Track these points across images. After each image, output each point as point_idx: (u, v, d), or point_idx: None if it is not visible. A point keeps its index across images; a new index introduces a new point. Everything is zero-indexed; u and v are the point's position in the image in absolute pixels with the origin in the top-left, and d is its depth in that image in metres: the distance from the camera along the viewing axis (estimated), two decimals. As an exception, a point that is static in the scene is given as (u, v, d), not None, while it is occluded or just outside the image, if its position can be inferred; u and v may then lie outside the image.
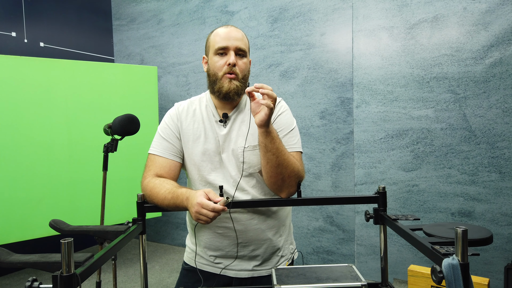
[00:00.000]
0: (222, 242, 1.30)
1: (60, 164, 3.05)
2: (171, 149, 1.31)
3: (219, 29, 1.29)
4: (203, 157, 1.29)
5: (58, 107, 3.04)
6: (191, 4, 3.85)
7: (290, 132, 1.30)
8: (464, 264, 0.75)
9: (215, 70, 1.27)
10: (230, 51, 1.24)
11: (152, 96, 3.58)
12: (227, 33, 1.25)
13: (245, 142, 1.26)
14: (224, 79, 1.25)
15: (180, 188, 1.19)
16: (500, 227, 2.56)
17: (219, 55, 1.26)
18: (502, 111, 2.53)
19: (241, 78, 1.26)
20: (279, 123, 1.30)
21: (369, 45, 2.94)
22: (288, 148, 1.26)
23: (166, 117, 1.36)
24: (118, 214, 3.29)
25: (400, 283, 2.83)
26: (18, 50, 3.49)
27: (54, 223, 1.14)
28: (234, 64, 1.23)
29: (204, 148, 1.29)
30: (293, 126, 1.33)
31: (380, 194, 1.24)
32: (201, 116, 1.32)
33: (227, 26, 1.29)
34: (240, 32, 1.29)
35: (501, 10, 2.50)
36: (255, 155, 1.27)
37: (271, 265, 1.33)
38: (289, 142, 1.29)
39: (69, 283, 0.74)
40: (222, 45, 1.24)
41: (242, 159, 1.25)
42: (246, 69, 1.28)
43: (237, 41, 1.25)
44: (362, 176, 3.03)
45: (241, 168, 1.26)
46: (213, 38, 1.28)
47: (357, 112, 3.01)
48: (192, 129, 1.31)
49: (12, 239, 2.85)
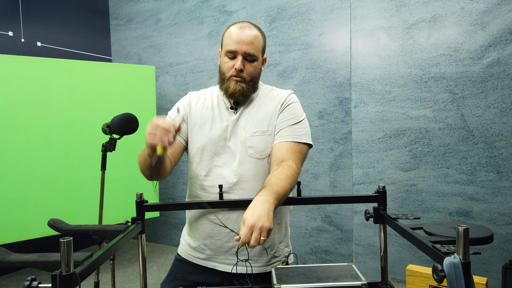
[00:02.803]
0: (218, 234, 1.28)
1: (58, 163, 3.04)
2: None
3: (233, 27, 1.27)
4: (208, 142, 1.29)
5: (56, 107, 3.02)
6: (189, 4, 3.84)
7: (298, 123, 1.29)
8: (466, 262, 0.75)
9: (223, 70, 1.28)
10: (238, 56, 1.24)
11: (150, 96, 3.57)
12: (238, 35, 1.23)
13: (254, 127, 1.28)
14: (231, 81, 1.26)
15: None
16: (498, 227, 2.57)
17: (228, 57, 1.26)
18: (500, 111, 2.54)
19: (249, 81, 1.27)
20: (288, 111, 1.30)
21: (367, 45, 2.95)
22: (294, 137, 1.25)
23: (178, 103, 1.38)
24: (117, 213, 3.27)
25: (398, 283, 2.84)
26: (15, 49, 3.47)
27: (52, 223, 1.13)
28: (241, 69, 1.24)
29: (210, 133, 1.30)
30: (302, 117, 1.31)
31: (380, 193, 1.24)
32: (211, 103, 1.34)
33: (243, 24, 1.26)
34: (253, 32, 1.25)
35: (498, 10, 2.50)
36: (263, 140, 1.27)
37: (262, 263, 1.30)
38: (296, 132, 1.26)
39: (68, 283, 0.74)
40: (231, 48, 1.24)
41: (249, 143, 1.26)
42: (255, 72, 1.28)
43: (246, 45, 1.23)
44: (360, 176, 3.03)
45: (246, 153, 1.26)
46: (226, 37, 1.27)
47: (355, 112, 3.02)
48: (200, 114, 1.33)
49: (10, 239, 2.83)
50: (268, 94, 1.35)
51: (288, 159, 1.21)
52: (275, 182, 1.11)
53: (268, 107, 1.31)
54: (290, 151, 1.23)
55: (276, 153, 1.24)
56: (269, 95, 1.34)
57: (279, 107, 1.30)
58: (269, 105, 1.31)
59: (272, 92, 1.36)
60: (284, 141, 1.25)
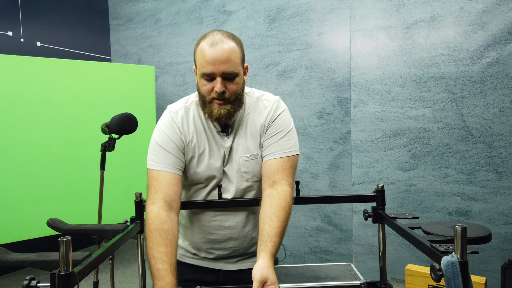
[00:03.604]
0: (212, 242, 1.31)
1: (58, 163, 3.04)
2: (177, 164, 1.20)
3: (204, 44, 1.11)
4: (208, 171, 1.23)
5: (55, 107, 3.02)
6: (188, 4, 3.85)
7: (286, 134, 1.23)
8: (463, 262, 0.76)
9: (203, 92, 1.15)
10: (217, 77, 1.11)
11: (150, 96, 3.57)
12: (212, 55, 1.08)
13: (247, 151, 1.23)
14: (213, 104, 1.14)
15: (170, 272, 1.05)
16: (497, 227, 2.57)
17: (205, 79, 1.13)
18: (499, 111, 2.54)
19: (234, 100, 1.15)
20: (276, 125, 1.23)
21: (367, 45, 2.95)
22: (283, 152, 1.20)
23: (165, 127, 1.21)
24: (116, 213, 3.28)
25: (397, 283, 2.84)
26: (15, 49, 3.47)
27: (51, 222, 1.13)
28: (222, 91, 1.12)
29: (209, 163, 1.22)
30: (291, 127, 1.25)
31: (378, 193, 1.25)
32: (201, 126, 1.23)
33: (213, 38, 1.11)
34: (228, 46, 1.10)
35: (497, 10, 2.51)
36: (257, 163, 1.24)
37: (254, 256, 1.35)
38: (284, 146, 1.21)
39: (67, 282, 0.74)
40: (207, 71, 1.10)
41: (244, 169, 1.23)
42: (238, 89, 1.15)
43: (223, 64, 1.09)
44: (359, 175, 3.03)
45: (243, 178, 1.24)
46: (199, 57, 1.12)
47: (355, 111, 3.02)
48: (197, 143, 1.22)
49: (9, 239, 2.83)
50: (255, 108, 1.25)
51: (280, 179, 1.17)
52: (271, 233, 1.06)
53: (257, 124, 1.24)
54: (281, 169, 1.19)
55: (266, 172, 1.20)
56: (257, 109, 1.25)
57: (267, 123, 1.23)
58: (257, 121, 1.24)
59: (259, 103, 1.26)
60: (273, 158, 1.20)
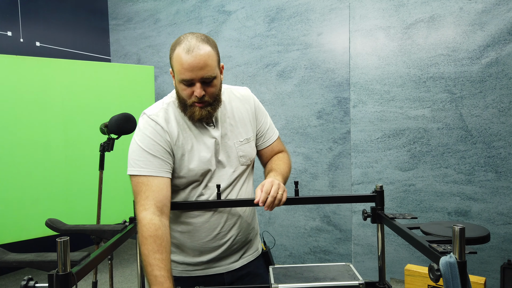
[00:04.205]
0: (209, 246, 1.28)
1: (56, 163, 3.03)
2: (165, 167, 1.18)
3: (180, 50, 1.11)
4: (202, 165, 1.22)
5: (54, 107, 3.02)
6: (188, 4, 3.84)
7: (269, 120, 1.41)
8: (462, 262, 0.76)
9: (183, 96, 1.17)
10: (196, 83, 1.13)
11: (149, 96, 3.57)
12: (189, 62, 1.10)
13: (239, 136, 1.30)
14: (194, 107, 1.17)
15: (168, 278, 1.02)
16: (497, 227, 2.57)
17: (184, 84, 1.15)
18: (498, 111, 2.54)
19: (213, 101, 1.18)
20: (260, 113, 1.37)
21: (366, 45, 2.95)
22: (270, 140, 1.39)
23: (149, 132, 1.18)
24: (115, 213, 3.27)
25: (397, 283, 2.84)
26: (14, 49, 3.47)
27: (50, 222, 1.13)
28: (202, 95, 1.14)
29: (200, 156, 1.22)
30: (267, 114, 1.41)
31: (377, 193, 1.25)
32: (184, 124, 1.23)
33: (189, 44, 1.11)
34: (204, 51, 1.11)
35: (497, 10, 2.51)
36: (250, 147, 1.32)
37: (253, 245, 1.39)
38: (274, 131, 1.42)
39: (65, 282, 0.74)
40: (185, 77, 1.12)
41: (241, 153, 1.30)
42: (216, 90, 1.18)
43: (201, 70, 1.11)
44: (359, 175, 3.03)
45: (240, 162, 1.29)
46: (176, 64, 1.13)
47: (354, 112, 3.02)
48: (183, 140, 1.21)
49: (8, 239, 2.83)
50: (233, 98, 1.32)
51: (279, 151, 1.42)
52: (279, 166, 1.30)
53: (242, 112, 1.32)
54: (277, 149, 1.41)
55: (268, 155, 1.40)
56: (234, 100, 1.32)
57: (253, 112, 1.34)
58: (241, 110, 1.32)
59: (234, 92, 1.34)
60: (270, 144, 1.40)
